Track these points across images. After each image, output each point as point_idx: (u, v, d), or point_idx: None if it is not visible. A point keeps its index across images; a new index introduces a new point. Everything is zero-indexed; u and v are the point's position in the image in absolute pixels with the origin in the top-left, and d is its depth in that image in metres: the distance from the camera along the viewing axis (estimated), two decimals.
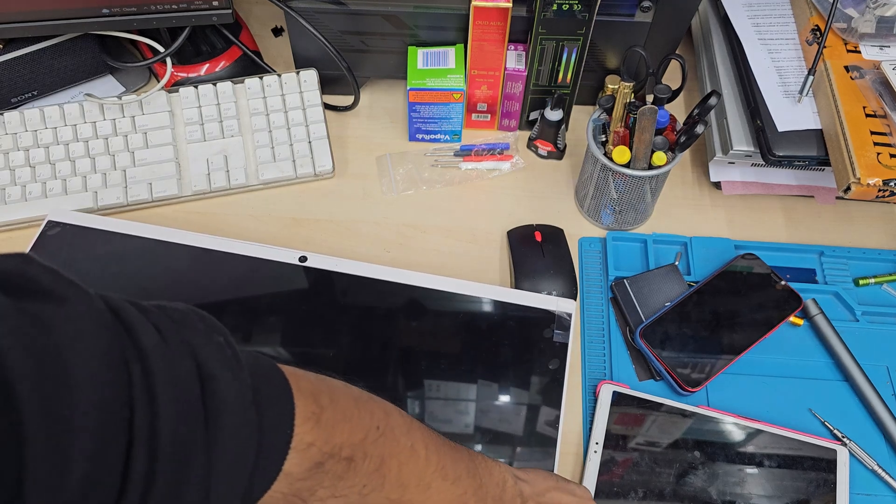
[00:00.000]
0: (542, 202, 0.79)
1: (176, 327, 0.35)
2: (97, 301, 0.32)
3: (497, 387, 0.64)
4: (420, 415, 0.63)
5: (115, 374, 0.30)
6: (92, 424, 0.28)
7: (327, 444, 0.39)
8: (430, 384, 0.64)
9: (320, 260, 0.69)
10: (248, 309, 0.67)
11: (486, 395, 0.63)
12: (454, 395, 0.63)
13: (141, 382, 0.31)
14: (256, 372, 0.37)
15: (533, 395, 0.64)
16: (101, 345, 0.30)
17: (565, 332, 0.66)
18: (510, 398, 0.63)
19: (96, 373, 0.29)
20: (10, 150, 0.75)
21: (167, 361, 0.32)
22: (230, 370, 0.35)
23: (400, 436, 0.44)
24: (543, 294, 0.68)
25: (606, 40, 0.76)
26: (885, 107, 0.69)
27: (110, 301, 0.33)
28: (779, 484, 0.61)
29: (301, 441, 0.38)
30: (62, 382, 0.27)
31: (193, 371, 0.33)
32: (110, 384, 0.29)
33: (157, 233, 0.70)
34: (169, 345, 0.33)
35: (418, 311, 0.67)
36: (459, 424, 0.62)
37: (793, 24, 0.79)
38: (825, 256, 0.74)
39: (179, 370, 0.33)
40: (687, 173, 0.82)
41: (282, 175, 0.78)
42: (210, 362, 0.34)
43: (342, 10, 0.75)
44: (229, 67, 0.85)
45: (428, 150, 0.82)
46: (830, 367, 0.68)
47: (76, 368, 0.28)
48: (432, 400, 0.63)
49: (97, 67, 0.84)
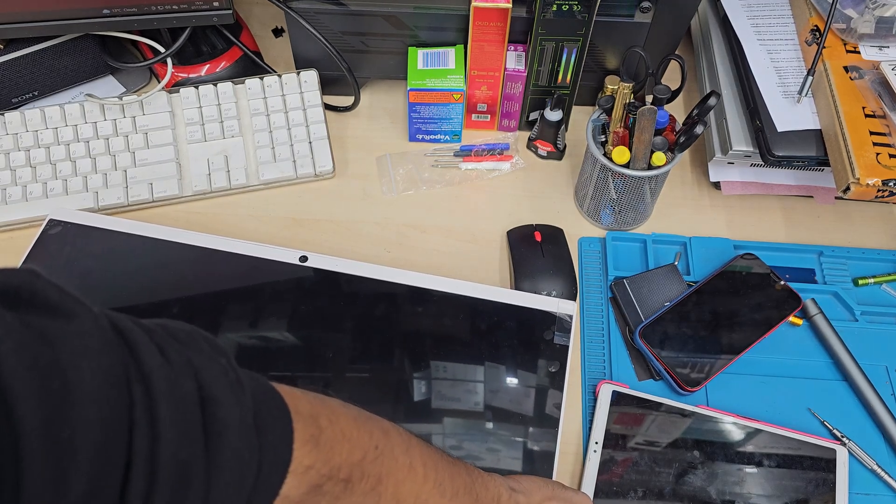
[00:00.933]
0: (541, 202, 0.79)
1: (180, 347, 0.34)
2: (101, 319, 0.32)
3: (497, 389, 0.64)
4: (426, 411, 0.63)
5: (117, 393, 0.30)
6: (91, 444, 0.28)
7: (325, 466, 0.39)
8: (431, 384, 0.64)
9: (321, 260, 0.69)
10: (249, 308, 0.67)
11: (486, 397, 0.64)
12: (454, 393, 0.64)
13: (143, 403, 0.31)
14: (257, 395, 0.37)
15: (533, 398, 0.63)
16: (104, 363, 0.30)
17: (566, 335, 0.66)
18: (510, 401, 0.63)
19: (98, 391, 0.29)
20: (10, 150, 0.75)
21: (169, 382, 0.32)
22: (232, 393, 0.35)
23: (399, 454, 0.44)
24: (544, 295, 0.68)
25: (606, 41, 0.76)
26: (885, 107, 0.69)
27: (114, 319, 0.33)
28: (778, 483, 0.61)
29: (300, 464, 0.38)
30: (63, 400, 0.27)
31: (195, 393, 0.33)
32: (112, 403, 0.29)
33: (159, 232, 0.70)
34: (172, 365, 0.33)
35: (417, 311, 0.67)
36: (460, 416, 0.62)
37: (792, 25, 0.79)
38: (824, 256, 0.74)
39: (181, 391, 0.33)
40: (686, 173, 0.82)
41: (282, 175, 0.78)
42: (212, 384, 0.34)
43: (342, 11, 0.75)
44: (230, 68, 0.85)
45: (428, 150, 0.82)
46: (830, 367, 0.68)
47: (78, 385, 0.28)
48: (440, 396, 0.63)
49: (98, 68, 0.84)
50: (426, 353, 0.65)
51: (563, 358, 0.65)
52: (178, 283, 0.69)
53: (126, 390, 0.30)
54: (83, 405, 0.28)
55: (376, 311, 0.67)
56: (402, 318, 0.67)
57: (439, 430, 0.62)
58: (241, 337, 0.65)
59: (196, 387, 0.34)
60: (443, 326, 0.66)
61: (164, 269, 0.69)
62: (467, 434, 0.62)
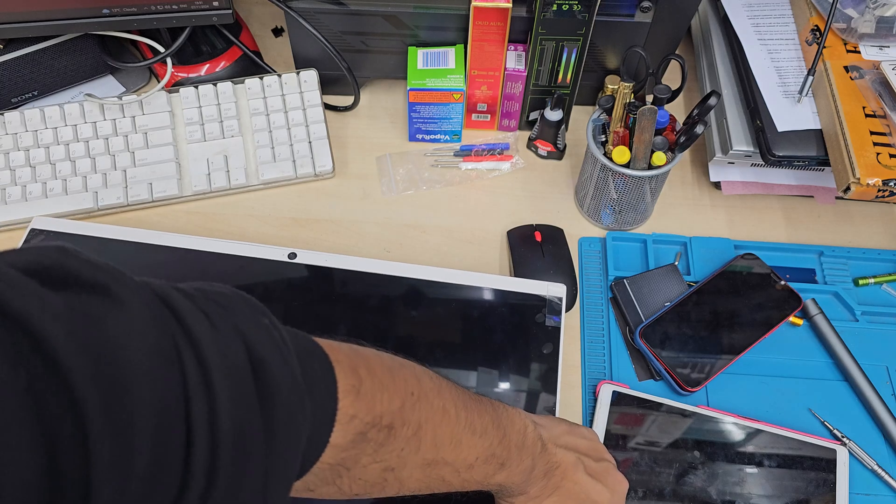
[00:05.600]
0: (542, 202, 0.79)
1: (223, 312, 0.34)
2: (144, 290, 0.31)
3: (492, 372, 0.64)
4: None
5: (168, 369, 0.30)
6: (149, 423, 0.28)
7: (369, 415, 0.40)
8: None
9: (310, 256, 0.69)
10: None
11: (481, 380, 0.64)
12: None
13: (196, 375, 0.30)
14: (301, 351, 0.38)
15: (528, 379, 0.64)
16: (152, 338, 0.29)
17: (557, 316, 0.66)
18: (505, 383, 0.64)
19: (151, 368, 0.29)
20: (10, 150, 0.75)
21: (220, 351, 0.32)
22: (280, 353, 0.35)
23: (433, 399, 0.45)
24: (534, 280, 0.69)
25: (606, 40, 0.76)
26: (885, 107, 0.69)
27: (157, 289, 0.32)
28: (778, 484, 0.61)
29: (345, 414, 0.38)
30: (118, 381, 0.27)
31: (245, 357, 0.33)
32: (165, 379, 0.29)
33: (141, 236, 0.70)
34: (219, 331, 0.33)
35: (410, 301, 0.67)
36: None
37: (792, 25, 0.79)
38: (825, 256, 0.74)
39: (232, 358, 0.33)
40: (687, 173, 0.82)
41: (282, 175, 0.78)
42: (259, 346, 0.34)
43: (342, 11, 0.75)
44: (229, 67, 0.85)
45: (428, 150, 0.82)
46: (830, 367, 0.68)
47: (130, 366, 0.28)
48: None
49: (97, 67, 0.84)
50: (420, 343, 0.65)
51: (555, 339, 0.66)
52: None
53: (178, 363, 0.30)
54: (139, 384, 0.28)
55: (368, 303, 0.67)
56: (393, 308, 0.67)
57: None
58: None
59: (245, 350, 0.33)
60: (435, 315, 0.67)
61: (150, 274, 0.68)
62: None
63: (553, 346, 0.66)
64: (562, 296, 0.67)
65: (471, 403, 0.48)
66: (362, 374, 0.41)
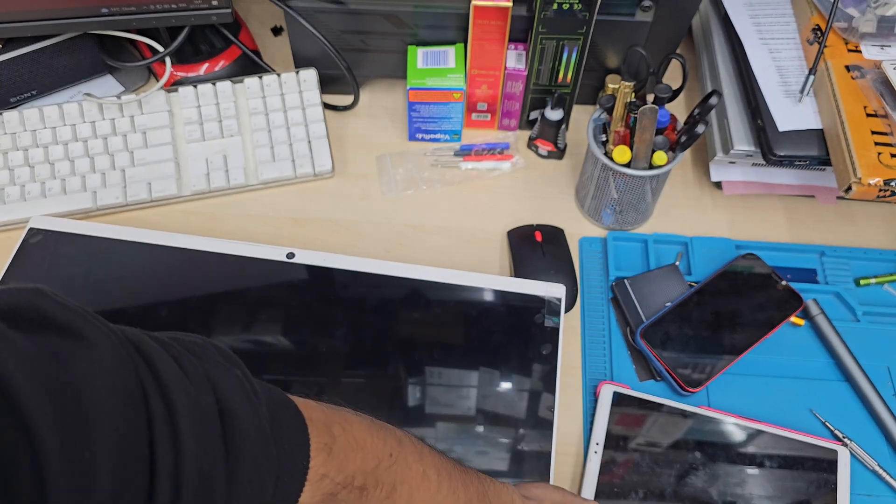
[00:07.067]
0: (542, 202, 0.79)
1: (195, 360, 0.35)
2: (115, 335, 0.32)
3: (491, 373, 0.64)
4: (419, 402, 0.63)
5: (134, 409, 0.30)
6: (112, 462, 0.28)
7: (340, 475, 0.39)
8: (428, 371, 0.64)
9: (308, 256, 0.69)
10: (236, 308, 0.67)
11: (480, 381, 0.64)
12: (447, 381, 0.64)
13: (162, 417, 0.31)
14: (272, 404, 0.37)
15: (527, 380, 0.64)
16: (119, 379, 0.30)
17: (556, 317, 0.66)
18: (504, 384, 0.64)
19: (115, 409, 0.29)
20: (8, 149, 0.75)
21: (189, 396, 0.32)
22: (249, 404, 0.35)
23: (412, 462, 0.44)
24: (533, 281, 0.68)
25: (607, 40, 0.76)
26: (886, 106, 0.69)
27: (130, 334, 0.33)
28: (779, 484, 0.61)
29: (315, 473, 0.38)
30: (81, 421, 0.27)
31: (213, 405, 0.33)
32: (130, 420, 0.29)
33: (141, 235, 0.70)
34: (189, 377, 0.33)
35: (410, 302, 0.67)
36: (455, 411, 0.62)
37: (794, 24, 0.79)
38: (826, 256, 0.74)
39: (201, 404, 0.33)
40: (688, 173, 0.81)
41: (281, 175, 0.77)
42: (230, 396, 0.34)
43: (342, 10, 0.75)
44: (228, 67, 0.84)
45: (428, 149, 0.82)
46: (831, 368, 0.68)
47: (94, 405, 0.28)
48: (432, 386, 0.63)
49: (96, 67, 0.84)
50: (418, 342, 0.65)
51: (554, 339, 0.66)
52: (163, 287, 0.68)
53: (143, 405, 0.30)
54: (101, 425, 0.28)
55: (367, 303, 0.67)
56: (392, 308, 0.67)
57: (438, 413, 0.62)
58: (230, 336, 0.65)
59: (214, 399, 0.34)
60: (435, 315, 0.67)
61: (148, 274, 0.69)
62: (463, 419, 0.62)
63: (552, 346, 0.65)
64: (561, 296, 0.67)
65: (455, 473, 0.47)
66: (336, 433, 0.40)
